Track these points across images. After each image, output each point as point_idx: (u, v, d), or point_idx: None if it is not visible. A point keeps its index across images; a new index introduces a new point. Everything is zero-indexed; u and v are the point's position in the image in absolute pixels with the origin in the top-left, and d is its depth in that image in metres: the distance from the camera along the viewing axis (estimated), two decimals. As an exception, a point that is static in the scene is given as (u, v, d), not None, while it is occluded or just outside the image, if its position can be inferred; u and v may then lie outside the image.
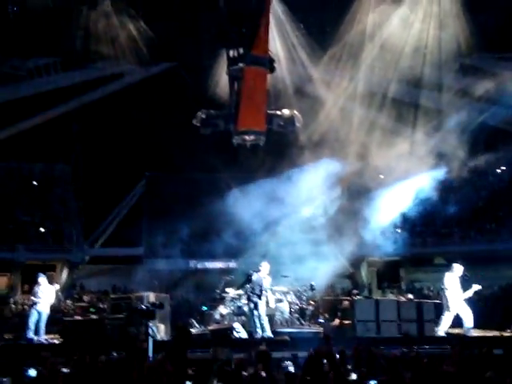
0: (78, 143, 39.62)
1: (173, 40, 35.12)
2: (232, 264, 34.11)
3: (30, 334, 17.00)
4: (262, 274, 16.67)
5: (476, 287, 15.99)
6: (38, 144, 37.73)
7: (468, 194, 38.87)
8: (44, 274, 18.08)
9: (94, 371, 7.93)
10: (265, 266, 16.85)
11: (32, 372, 8.32)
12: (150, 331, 13.02)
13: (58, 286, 20.89)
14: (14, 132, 38.02)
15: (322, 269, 33.66)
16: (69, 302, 31.64)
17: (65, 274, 37.63)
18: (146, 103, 36.99)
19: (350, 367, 9.44)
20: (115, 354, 10.85)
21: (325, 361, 8.53)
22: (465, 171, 39.83)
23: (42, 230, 37.63)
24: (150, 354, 13.25)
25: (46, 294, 17.22)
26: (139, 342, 11.44)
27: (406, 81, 38.20)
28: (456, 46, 34.54)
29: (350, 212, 37.69)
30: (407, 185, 36.77)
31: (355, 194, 40.40)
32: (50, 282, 18.49)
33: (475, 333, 16.74)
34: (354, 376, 8.80)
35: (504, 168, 38.61)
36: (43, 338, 17.24)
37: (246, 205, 33.34)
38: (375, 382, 6.67)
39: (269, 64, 24.54)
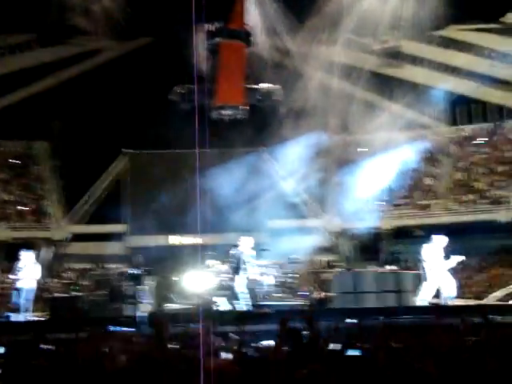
0: (57, 120, 39.30)
1: (150, 14, 34.74)
2: (214, 239, 34.15)
3: (16, 313, 16.84)
4: (242, 249, 16.67)
5: (459, 258, 16.11)
6: (16, 121, 37.43)
7: (447, 166, 39.16)
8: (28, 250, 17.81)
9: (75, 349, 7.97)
10: (244, 241, 16.82)
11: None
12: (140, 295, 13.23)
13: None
14: (-8, 109, 37.75)
15: (304, 242, 33.89)
16: (51, 279, 31.65)
17: (46, 252, 37.58)
18: (125, 79, 36.68)
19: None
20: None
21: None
22: (443, 142, 40.13)
23: (22, 208, 37.47)
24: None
25: (26, 270, 17.00)
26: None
27: (384, 54, 38.31)
28: (433, 18, 34.52)
29: (331, 185, 37.92)
30: (387, 158, 37.00)
31: (337, 167, 40.59)
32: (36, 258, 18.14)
33: (457, 302, 16.94)
34: (331, 346, 8.93)
35: (482, 139, 38.83)
36: (26, 315, 17.14)
37: (228, 180, 33.36)
38: (354, 350, 6.73)
39: (246, 38, 24.38)
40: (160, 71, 34.55)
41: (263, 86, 26.98)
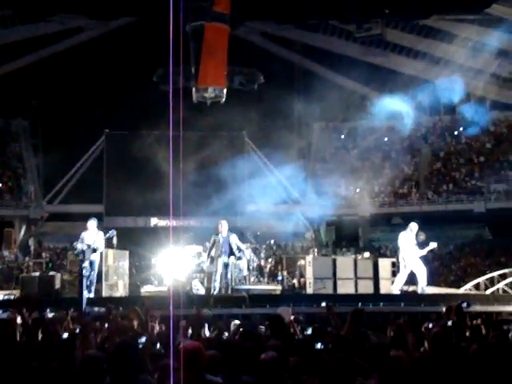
0: (36, 98, 38.92)
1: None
2: (192, 221, 34.12)
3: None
4: (224, 233, 16.41)
5: (432, 245, 16.19)
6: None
7: (426, 155, 39.33)
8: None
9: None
10: (224, 225, 16.59)
11: None
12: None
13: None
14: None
15: (282, 227, 33.96)
16: (27, 258, 31.45)
17: (23, 231, 37.36)
18: (106, 59, 36.38)
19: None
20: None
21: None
22: (423, 132, 40.32)
23: (0, 186, 37.17)
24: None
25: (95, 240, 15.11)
26: None
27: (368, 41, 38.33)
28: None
29: (311, 172, 37.99)
30: (367, 145, 37.01)
31: (317, 154, 40.69)
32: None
33: (429, 290, 17.06)
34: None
35: (461, 129, 38.99)
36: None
37: (206, 162, 33.24)
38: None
39: (230, 20, 24.14)
40: (142, 52, 34.29)
41: (247, 70, 26.78)
